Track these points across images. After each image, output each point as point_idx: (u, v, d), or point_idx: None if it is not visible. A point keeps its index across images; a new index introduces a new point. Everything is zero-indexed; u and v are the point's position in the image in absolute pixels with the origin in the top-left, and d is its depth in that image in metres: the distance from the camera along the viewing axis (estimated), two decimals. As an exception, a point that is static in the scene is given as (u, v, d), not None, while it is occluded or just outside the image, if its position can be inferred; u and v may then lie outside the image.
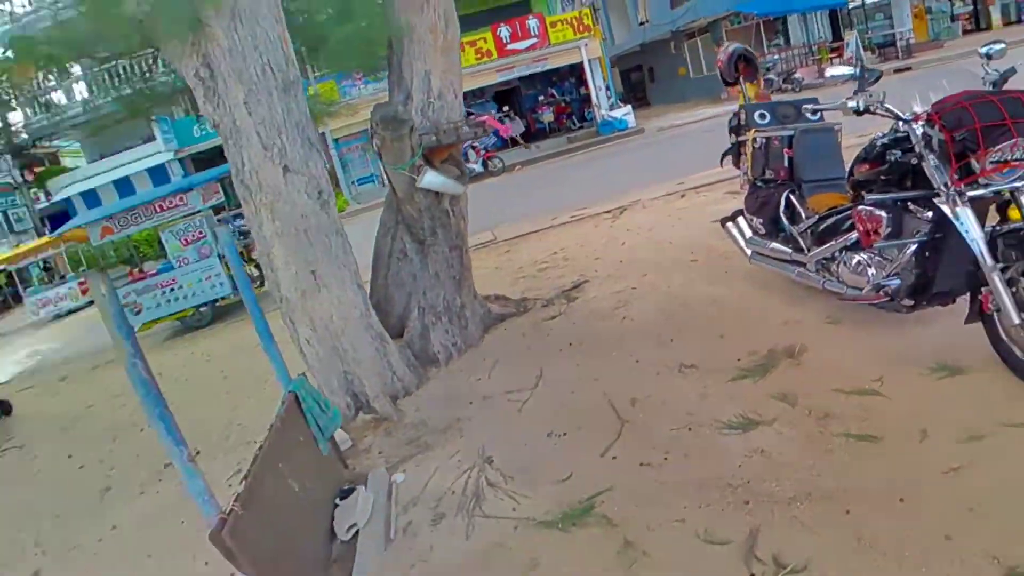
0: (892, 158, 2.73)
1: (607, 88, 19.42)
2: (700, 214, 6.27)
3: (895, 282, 2.82)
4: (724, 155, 4.42)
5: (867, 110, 2.70)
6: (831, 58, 19.59)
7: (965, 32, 23.35)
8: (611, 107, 18.90)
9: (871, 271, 2.93)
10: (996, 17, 23.56)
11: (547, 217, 8.35)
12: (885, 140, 2.83)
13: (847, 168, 3.20)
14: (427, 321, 3.91)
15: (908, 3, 22.56)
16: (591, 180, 11.12)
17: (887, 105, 2.68)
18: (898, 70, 17.39)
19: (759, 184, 4.03)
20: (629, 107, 19.02)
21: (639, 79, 31.04)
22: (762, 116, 4.04)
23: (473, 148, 16.99)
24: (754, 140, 3.95)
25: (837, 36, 22.28)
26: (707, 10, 21.56)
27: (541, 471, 2.65)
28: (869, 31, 22.62)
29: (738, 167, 4.28)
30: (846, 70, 3.04)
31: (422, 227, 3.87)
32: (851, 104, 2.74)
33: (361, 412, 3.51)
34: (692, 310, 3.95)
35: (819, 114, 3.80)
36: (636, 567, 1.97)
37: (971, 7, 24.10)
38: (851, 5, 22.80)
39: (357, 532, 2.47)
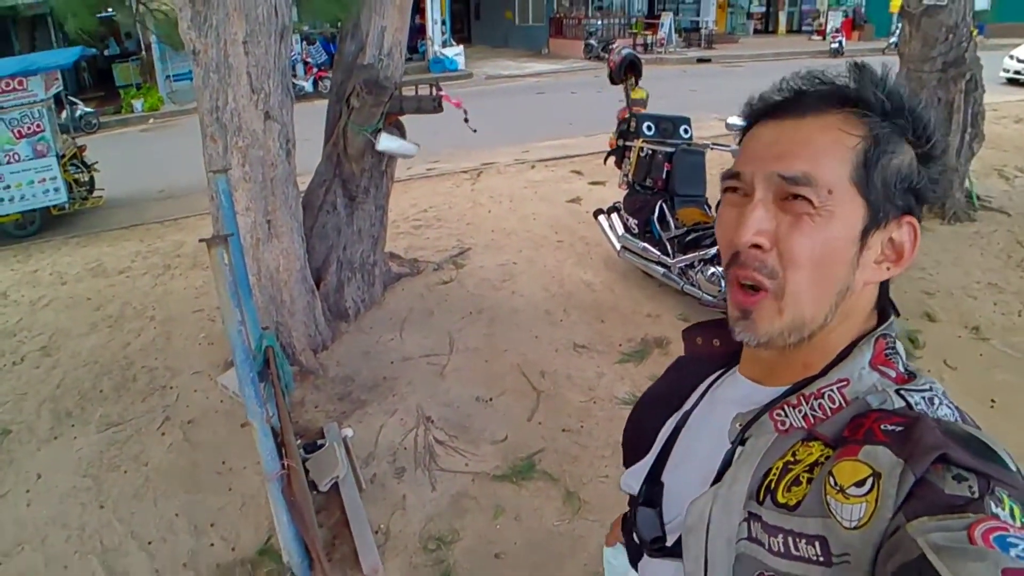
0: None
1: (443, 23, 18.72)
2: (554, 191, 6.94)
3: None
4: (608, 155, 4.94)
5: None
6: (645, 33, 20.92)
7: (755, 31, 26.78)
8: (444, 44, 18.29)
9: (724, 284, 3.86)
10: (783, 23, 27.39)
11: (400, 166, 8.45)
12: None
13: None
14: (343, 276, 4.13)
15: (718, -7, 25.00)
16: (430, 127, 11.13)
17: None
18: (700, 59, 19.32)
19: (638, 188, 4.60)
20: (461, 48, 18.54)
21: (462, 13, 30.29)
22: (649, 128, 4.57)
23: (305, 64, 15.92)
24: (641, 149, 4.51)
25: (652, 13, 23.83)
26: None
27: (479, 431, 3.23)
28: (679, 14, 24.18)
29: (619, 168, 4.85)
30: (740, 122, 3.88)
31: (357, 184, 4.05)
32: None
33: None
34: (570, 292, 4.62)
35: (690, 134, 4.67)
36: (582, 511, 2.69)
37: (764, 8, 27.59)
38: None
39: (333, 484, 2.87)
